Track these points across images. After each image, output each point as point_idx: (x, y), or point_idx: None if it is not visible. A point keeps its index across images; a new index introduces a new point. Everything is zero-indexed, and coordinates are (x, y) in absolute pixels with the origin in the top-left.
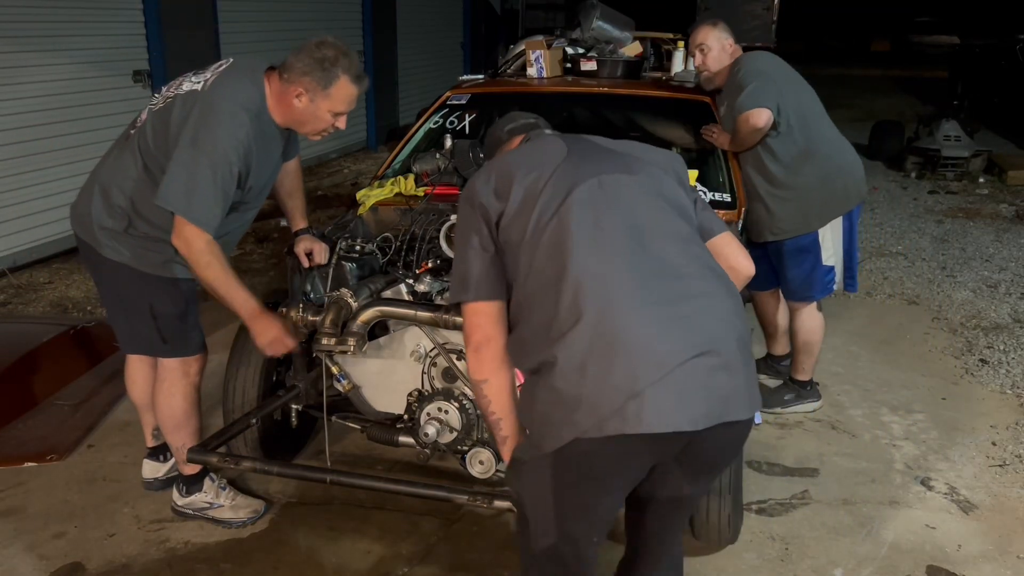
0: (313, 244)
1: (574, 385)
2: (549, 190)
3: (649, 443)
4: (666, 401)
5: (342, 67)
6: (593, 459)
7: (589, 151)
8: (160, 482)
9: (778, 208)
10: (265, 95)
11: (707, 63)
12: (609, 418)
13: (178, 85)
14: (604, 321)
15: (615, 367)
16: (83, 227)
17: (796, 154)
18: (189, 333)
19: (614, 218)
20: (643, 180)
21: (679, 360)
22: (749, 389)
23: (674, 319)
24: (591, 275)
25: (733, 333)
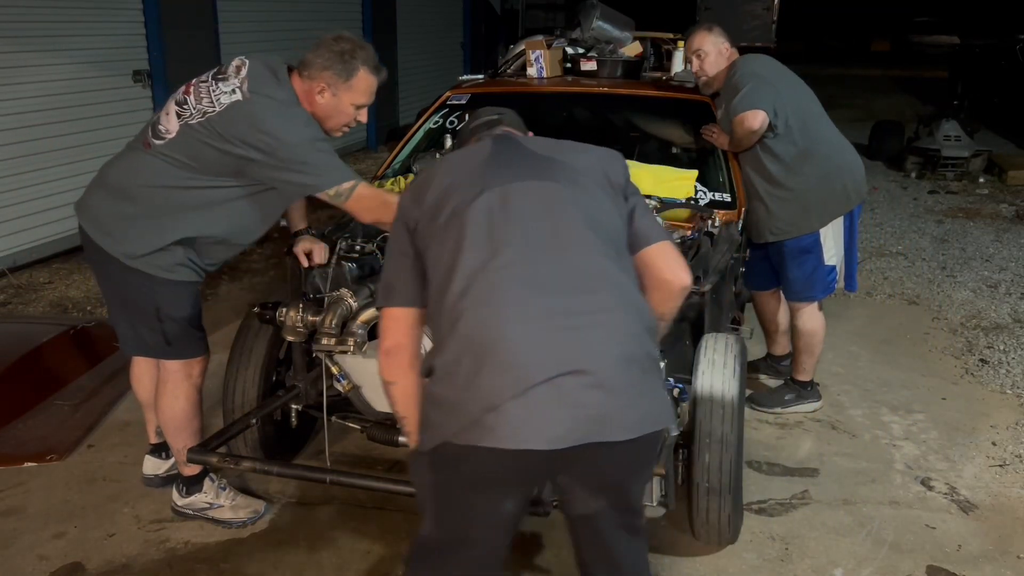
0: (313, 244)
1: (444, 390)
2: (456, 197)
3: (508, 458)
4: (522, 418)
5: (361, 59)
6: (459, 464)
7: (512, 156)
8: (160, 479)
9: (778, 208)
10: (296, 94)
11: (704, 68)
12: (468, 428)
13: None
14: (478, 331)
15: (480, 378)
16: (94, 227)
17: (795, 154)
18: (193, 335)
19: (511, 227)
20: (557, 188)
21: (543, 376)
22: (637, 408)
23: (549, 334)
24: (475, 284)
25: (618, 351)
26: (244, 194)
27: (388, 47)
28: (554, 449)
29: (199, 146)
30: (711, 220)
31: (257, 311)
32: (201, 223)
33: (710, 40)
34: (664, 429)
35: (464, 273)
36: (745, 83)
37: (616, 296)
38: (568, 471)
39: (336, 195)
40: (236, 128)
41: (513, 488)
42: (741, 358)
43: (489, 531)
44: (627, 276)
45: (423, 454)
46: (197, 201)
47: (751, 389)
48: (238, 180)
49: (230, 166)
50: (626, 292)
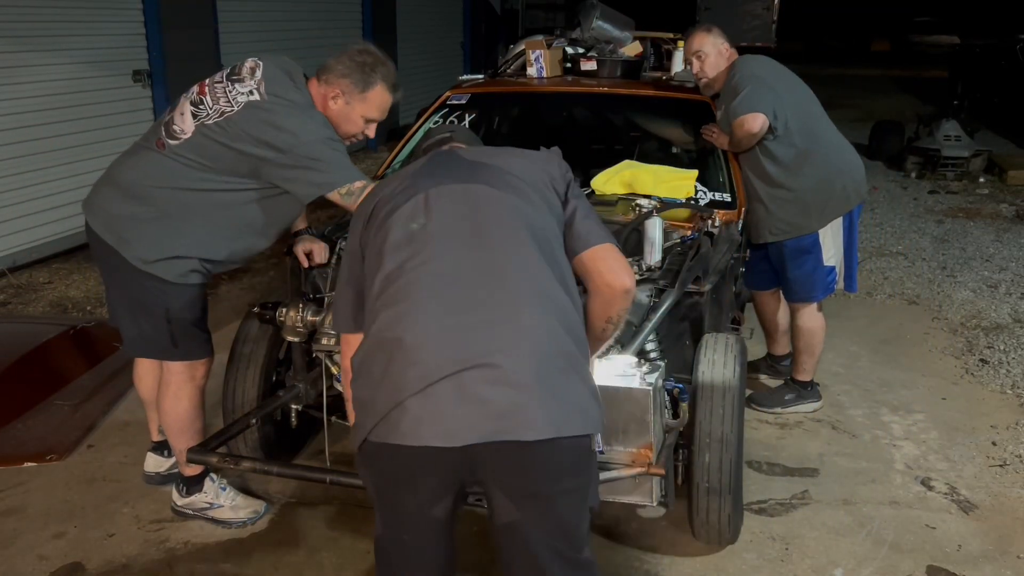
0: (312, 244)
1: (360, 388)
2: (386, 207)
3: (416, 455)
4: (425, 413)
5: (381, 74)
6: (376, 461)
7: (440, 165)
8: (161, 477)
9: (777, 209)
10: (311, 98)
11: (705, 69)
12: (379, 425)
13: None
14: (387, 329)
15: (388, 375)
16: (105, 228)
17: (795, 155)
18: (199, 337)
19: (430, 228)
20: (482, 188)
21: (446, 372)
22: (550, 409)
23: (456, 330)
24: (391, 285)
25: (528, 347)
26: (257, 198)
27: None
28: (459, 446)
29: (215, 146)
30: (711, 220)
31: (257, 311)
32: (214, 227)
33: (709, 41)
34: (588, 437)
35: (382, 276)
36: (744, 85)
37: (533, 292)
38: (483, 472)
39: (347, 194)
40: (253, 128)
41: (424, 487)
42: (741, 358)
43: (422, 530)
44: (552, 273)
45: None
46: (211, 204)
47: (751, 389)
48: (253, 182)
49: (246, 167)
50: (545, 288)
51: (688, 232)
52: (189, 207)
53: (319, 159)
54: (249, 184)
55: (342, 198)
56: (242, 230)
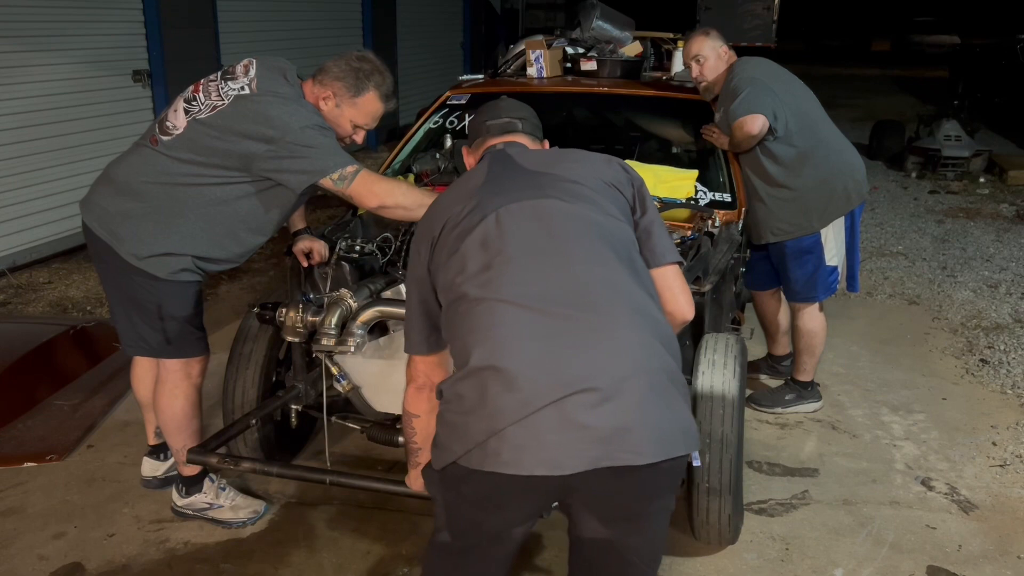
0: (312, 244)
1: (452, 414)
2: (457, 230)
3: (514, 483)
4: (527, 442)
5: (375, 82)
6: (464, 486)
7: (505, 178)
8: (159, 480)
9: (778, 209)
10: (303, 94)
11: (704, 73)
12: (474, 451)
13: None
14: (481, 356)
15: (484, 402)
16: (100, 225)
17: (795, 156)
18: (193, 335)
19: (508, 250)
20: (554, 203)
21: (548, 399)
22: (654, 431)
23: (553, 354)
24: (477, 310)
25: (628, 366)
26: (250, 192)
27: (388, 47)
28: (558, 475)
29: (207, 140)
30: (711, 220)
31: (257, 311)
32: (207, 223)
33: (708, 44)
34: (687, 456)
35: (466, 303)
36: (743, 87)
37: (625, 309)
38: (579, 496)
39: (340, 179)
40: (243, 121)
41: (518, 511)
42: (741, 358)
43: (496, 546)
44: (640, 285)
45: (434, 470)
46: (204, 199)
47: (751, 389)
48: (245, 176)
49: (236, 161)
50: (637, 303)
51: (688, 232)
52: (182, 202)
53: (309, 145)
54: (241, 178)
55: (335, 184)
56: (236, 226)
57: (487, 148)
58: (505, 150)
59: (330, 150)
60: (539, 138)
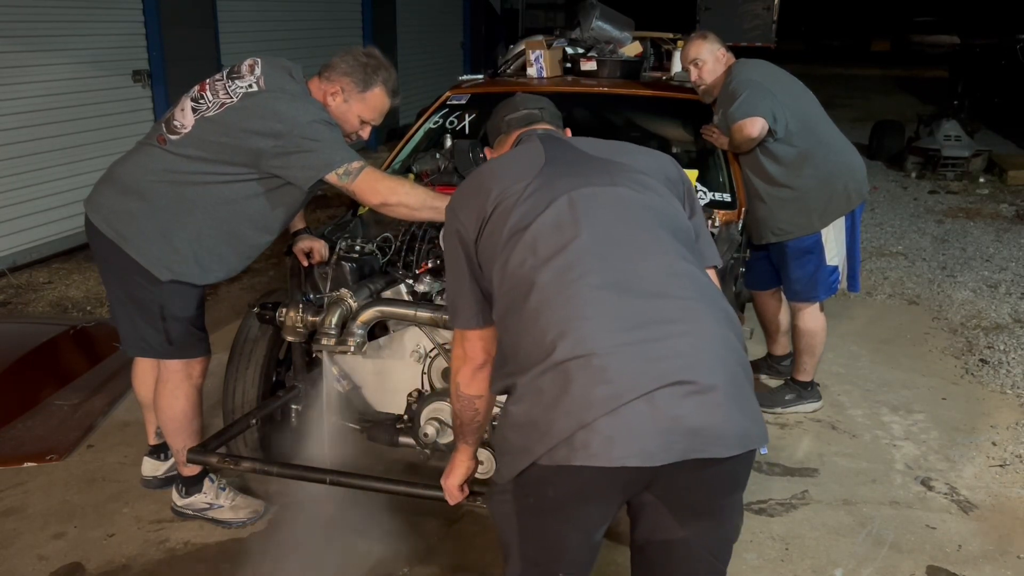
0: (312, 243)
1: (528, 410)
2: (520, 209)
3: (602, 476)
4: (618, 433)
5: (382, 77)
6: (547, 488)
7: (569, 161)
8: (159, 481)
9: (779, 209)
10: (309, 91)
11: (703, 76)
12: (558, 447)
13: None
14: (563, 347)
15: (569, 395)
16: (105, 224)
17: (796, 156)
18: (195, 335)
19: (586, 238)
20: (625, 192)
21: (640, 391)
22: (736, 423)
23: (640, 345)
24: (555, 299)
25: (716, 361)
26: (257, 191)
27: (388, 47)
28: (653, 466)
29: (215, 137)
30: (711, 220)
31: (257, 311)
32: (214, 222)
33: (706, 48)
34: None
35: (540, 289)
36: (742, 90)
37: (703, 299)
38: (659, 489)
39: (345, 174)
40: (252, 117)
41: (602, 509)
42: None
43: (576, 561)
44: (708, 278)
45: (503, 485)
46: (211, 198)
47: None
48: (252, 172)
49: (244, 157)
50: (712, 295)
51: None
52: (189, 201)
53: (316, 139)
54: (249, 175)
55: (340, 179)
56: (242, 225)
57: (517, 136)
58: (550, 133)
59: (336, 145)
60: (560, 127)
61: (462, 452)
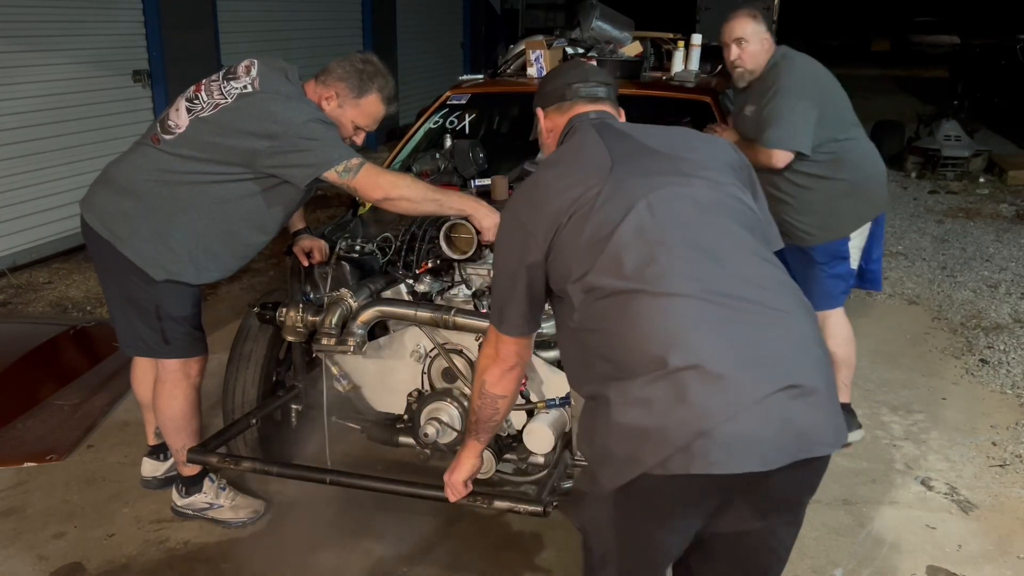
0: (313, 243)
1: (638, 419)
2: (596, 218)
3: (716, 482)
4: (738, 440)
5: (378, 84)
6: (656, 497)
7: (635, 158)
8: (159, 481)
9: (807, 214)
10: (305, 93)
11: (743, 59)
12: (674, 456)
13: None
14: (676, 355)
15: (686, 403)
16: (100, 224)
17: (828, 161)
18: (192, 335)
19: (672, 245)
20: (700, 189)
21: (755, 396)
22: (832, 421)
23: (750, 349)
24: (654, 307)
25: (814, 361)
26: (253, 191)
27: (388, 47)
28: (765, 471)
29: (210, 137)
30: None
31: (257, 311)
32: (210, 221)
33: (753, 28)
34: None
35: (636, 299)
36: (788, 102)
37: (790, 299)
38: (755, 488)
39: (345, 171)
40: (247, 118)
41: (706, 512)
42: None
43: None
44: (787, 275)
45: (599, 493)
46: (207, 198)
47: None
48: (248, 172)
49: (240, 157)
50: (795, 293)
51: None
52: (184, 201)
53: (313, 138)
54: (244, 175)
55: (339, 176)
56: (238, 225)
57: (575, 115)
58: (604, 120)
59: (334, 143)
60: (619, 107)
61: (472, 449)
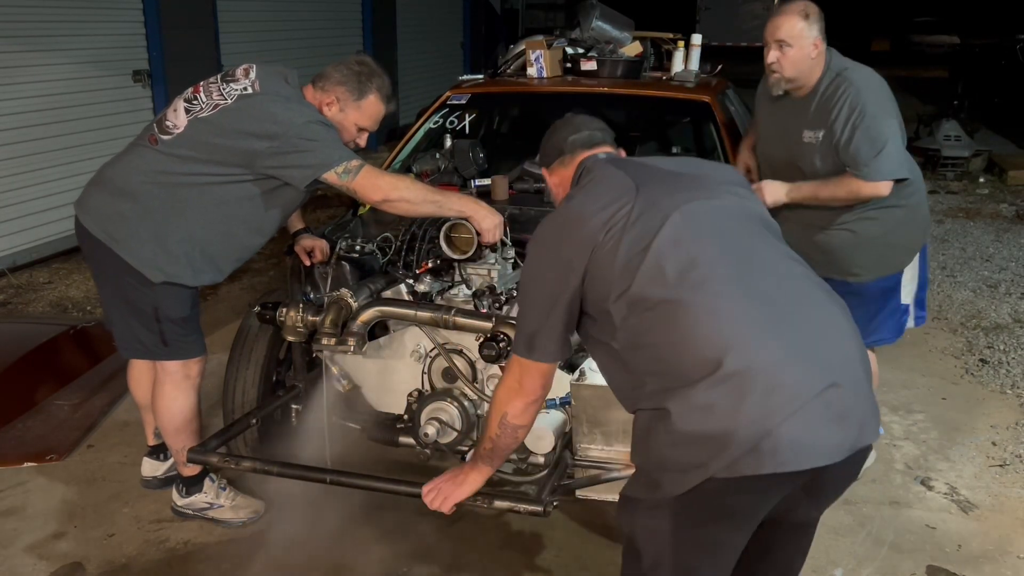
0: (314, 242)
1: (700, 425)
2: (631, 234)
3: (783, 479)
4: (803, 436)
5: (376, 84)
6: (723, 500)
7: (658, 180)
8: (159, 481)
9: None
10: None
11: (783, 65)
12: (742, 458)
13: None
14: (732, 359)
15: (745, 404)
16: (97, 227)
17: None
18: (190, 336)
19: (710, 251)
20: (725, 203)
21: (813, 391)
22: (875, 409)
23: (800, 348)
24: (704, 313)
25: (855, 353)
26: (251, 192)
27: (388, 47)
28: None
29: (209, 138)
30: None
31: (257, 311)
32: (208, 223)
33: (800, 28)
34: None
35: (684, 307)
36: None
37: (824, 295)
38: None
39: (345, 172)
40: (246, 120)
41: (766, 511)
42: None
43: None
44: (813, 272)
45: (656, 501)
46: (205, 199)
47: None
48: (246, 173)
49: (239, 158)
50: (830, 292)
51: None
52: (181, 203)
53: (314, 139)
54: (242, 176)
55: (339, 177)
56: (236, 226)
57: (582, 159)
58: (613, 157)
59: (333, 144)
60: (618, 147)
61: (482, 474)
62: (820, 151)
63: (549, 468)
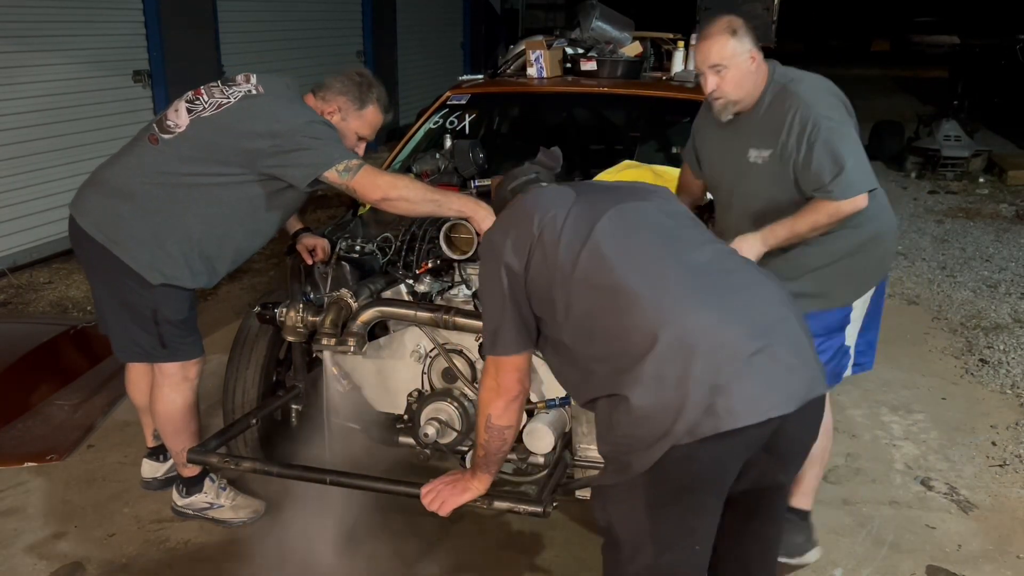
0: (316, 241)
1: (654, 397)
2: (570, 229)
3: (743, 437)
4: (754, 390)
5: (376, 94)
6: (690, 467)
7: (596, 189)
8: (159, 482)
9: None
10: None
11: (724, 88)
12: (700, 421)
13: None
14: (669, 329)
15: (693, 368)
16: (95, 229)
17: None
18: (188, 338)
19: (643, 235)
20: (657, 203)
21: (755, 347)
22: (818, 363)
23: (735, 310)
24: (642, 291)
25: (791, 313)
26: (251, 193)
27: (388, 47)
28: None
29: (211, 137)
30: (712, 220)
31: (257, 311)
32: (207, 224)
33: (732, 48)
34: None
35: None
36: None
37: (753, 267)
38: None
39: (345, 171)
40: (249, 119)
41: (735, 469)
42: None
43: (709, 533)
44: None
45: (627, 481)
46: (203, 199)
47: None
48: (247, 173)
49: (240, 158)
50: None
51: None
52: (181, 203)
53: (316, 137)
54: (243, 177)
55: (339, 176)
56: (234, 228)
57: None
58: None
59: (335, 143)
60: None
61: (482, 481)
62: (769, 171)
63: (549, 468)
